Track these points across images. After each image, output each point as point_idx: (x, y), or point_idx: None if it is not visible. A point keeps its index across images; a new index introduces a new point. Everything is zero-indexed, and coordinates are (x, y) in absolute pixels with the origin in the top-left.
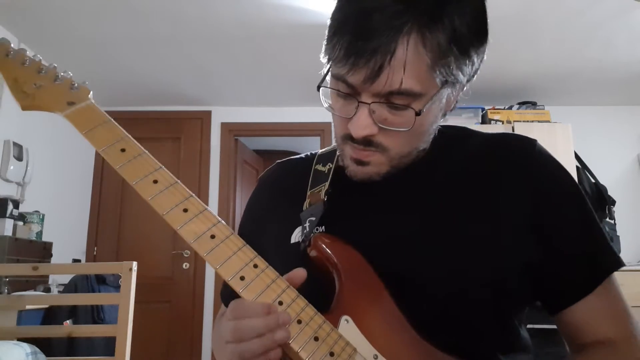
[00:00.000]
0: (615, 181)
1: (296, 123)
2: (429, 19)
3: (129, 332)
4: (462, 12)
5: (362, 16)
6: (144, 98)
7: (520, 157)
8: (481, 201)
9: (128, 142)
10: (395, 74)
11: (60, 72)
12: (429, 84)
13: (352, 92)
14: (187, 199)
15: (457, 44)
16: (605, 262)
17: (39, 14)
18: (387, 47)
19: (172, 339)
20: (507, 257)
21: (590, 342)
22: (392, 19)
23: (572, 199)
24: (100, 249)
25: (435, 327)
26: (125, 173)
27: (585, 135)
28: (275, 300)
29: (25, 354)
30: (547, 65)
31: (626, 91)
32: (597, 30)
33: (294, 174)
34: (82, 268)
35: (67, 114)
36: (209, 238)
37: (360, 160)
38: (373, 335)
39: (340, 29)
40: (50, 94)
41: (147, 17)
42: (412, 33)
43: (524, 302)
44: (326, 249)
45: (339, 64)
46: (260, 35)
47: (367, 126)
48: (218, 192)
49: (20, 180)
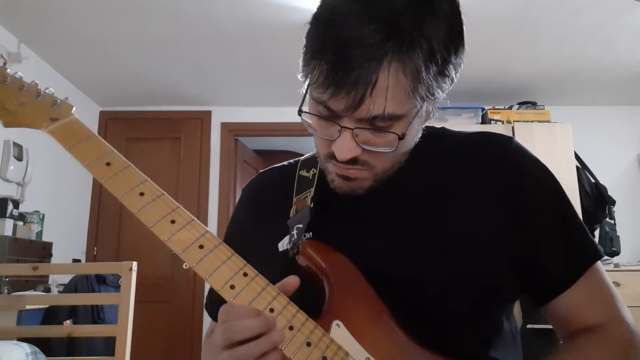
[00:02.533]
0: (615, 181)
1: (296, 123)
2: (408, 45)
3: (129, 332)
4: (438, 30)
5: (342, 46)
6: (144, 98)
7: (496, 155)
8: (462, 201)
9: (113, 155)
10: (377, 102)
11: (42, 89)
12: (409, 105)
13: (334, 116)
14: (174, 210)
15: (435, 64)
16: (585, 254)
17: (39, 14)
18: (368, 78)
19: (172, 339)
20: (489, 255)
21: (579, 329)
22: (372, 50)
23: (549, 193)
24: (100, 249)
25: (423, 327)
26: (111, 187)
27: (585, 135)
28: (266, 308)
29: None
30: (547, 65)
31: (626, 91)
32: (597, 30)
33: (278, 182)
34: (82, 268)
35: (51, 130)
36: (197, 248)
37: (345, 176)
38: (364, 338)
39: (319, 55)
40: (33, 110)
41: (147, 17)
42: (393, 62)
43: (509, 296)
44: (314, 255)
45: (319, 89)
46: (260, 35)
47: (351, 149)
48: (218, 192)
49: (20, 180)
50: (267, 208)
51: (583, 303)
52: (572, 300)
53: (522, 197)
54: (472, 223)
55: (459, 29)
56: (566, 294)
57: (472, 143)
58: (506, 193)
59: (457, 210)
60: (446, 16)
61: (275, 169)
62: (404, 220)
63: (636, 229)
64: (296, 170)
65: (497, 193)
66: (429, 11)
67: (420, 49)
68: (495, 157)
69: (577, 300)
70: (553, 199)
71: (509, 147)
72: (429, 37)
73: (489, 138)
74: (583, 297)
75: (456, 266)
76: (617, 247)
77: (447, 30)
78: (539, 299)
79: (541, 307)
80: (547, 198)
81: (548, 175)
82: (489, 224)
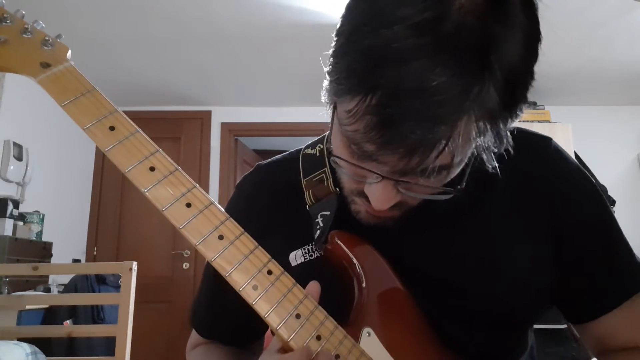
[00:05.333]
0: (615, 181)
1: (296, 123)
2: (486, 92)
3: (129, 332)
4: (514, 53)
5: (401, 96)
6: (144, 98)
7: (537, 160)
8: (500, 209)
9: (118, 117)
10: (438, 161)
11: (30, 23)
12: (469, 150)
13: (373, 160)
14: (189, 190)
15: (511, 104)
16: (632, 280)
17: (39, 14)
18: (435, 143)
19: (172, 339)
20: (533, 271)
21: (617, 349)
22: (444, 109)
23: (594, 208)
24: (100, 249)
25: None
26: (116, 157)
27: (585, 135)
28: (292, 313)
29: (25, 354)
30: (547, 65)
31: (626, 91)
32: (597, 30)
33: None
34: (82, 268)
35: (42, 80)
36: (216, 239)
37: (377, 216)
38: (397, 350)
39: (364, 97)
40: (18, 50)
41: (147, 17)
42: (465, 119)
43: (542, 312)
44: (346, 249)
45: (358, 134)
46: (260, 35)
47: (392, 199)
48: (218, 192)
49: (20, 180)
50: (271, 212)
51: (624, 325)
52: (612, 322)
53: (566, 214)
54: (512, 237)
55: (536, 44)
56: (608, 316)
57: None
58: (548, 207)
59: (496, 218)
60: (523, 29)
61: (274, 163)
62: (443, 222)
63: (636, 229)
64: (299, 155)
65: (538, 204)
66: (505, 28)
67: (498, 93)
68: (535, 165)
69: (617, 322)
70: (599, 215)
71: (549, 152)
72: (508, 70)
73: (527, 138)
74: (624, 319)
75: (495, 271)
76: None
77: (525, 51)
78: (573, 318)
79: (575, 324)
80: (593, 213)
81: (591, 186)
82: (529, 239)
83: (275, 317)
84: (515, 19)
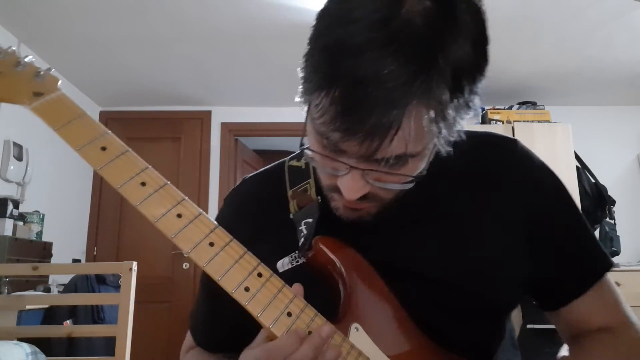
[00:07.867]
0: (615, 181)
1: (296, 123)
2: (435, 84)
3: (129, 332)
4: (463, 54)
5: (356, 85)
6: (144, 98)
7: (505, 162)
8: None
9: (108, 138)
10: (396, 147)
11: (22, 58)
12: (428, 141)
13: (341, 153)
14: (179, 202)
15: (461, 97)
16: (598, 265)
17: (39, 14)
18: (388, 125)
19: (172, 339)
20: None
21: (586, 331)
22: (394, 94)
23: (561, 202)
24: (100, 249)
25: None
26: (108, 175)
27: (585, 135)
28: (284, 312)
29: (25, 354)
30: (547, 65)
31: (626, 91)
32: (597, 30)
33: (266, 188)
34: (82, 268)
35: (35, 107)
36: (207, 246)
37: (353, 208)
38: (384, 341)
39: (326, 90)
40: (11, 82)
41: (147, 17)
42: (416, 105)
43: (518, 302)
44: (329, 253)
45: (324, 126)
46: (260, 35)
47: (360, 189)
48: (218, 192)
49: (20, 180)
50: (258, 221)
51: (593, 308)
52: (583, 306)
53: (536, 209)
54: (486, 234)
55: (484, 46)
56: (577, 301)
57: (479, 145)
58: (520, 203)
59: (471, 217)
60: (470, 32)
61: (259, 175)
62: (419, 221)
63: (636, 229)
64: (284, 166)
65: (510, 203)
66: (452, 29)
67: (445, 84)
68: (504, 165)
69: (587, 306)
70: (566, 209)
71: (516, 152)
72: (455, 66)
73: (495, 141)
74: (594, 302)
75: (473, 266)
76: (617, 247)
77: (472, 51)
78: (548, 305)
79: (548, 311)
80: (560, 208)
81: (557, 182)
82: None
83: (268, 316)
84: (461, 18)
